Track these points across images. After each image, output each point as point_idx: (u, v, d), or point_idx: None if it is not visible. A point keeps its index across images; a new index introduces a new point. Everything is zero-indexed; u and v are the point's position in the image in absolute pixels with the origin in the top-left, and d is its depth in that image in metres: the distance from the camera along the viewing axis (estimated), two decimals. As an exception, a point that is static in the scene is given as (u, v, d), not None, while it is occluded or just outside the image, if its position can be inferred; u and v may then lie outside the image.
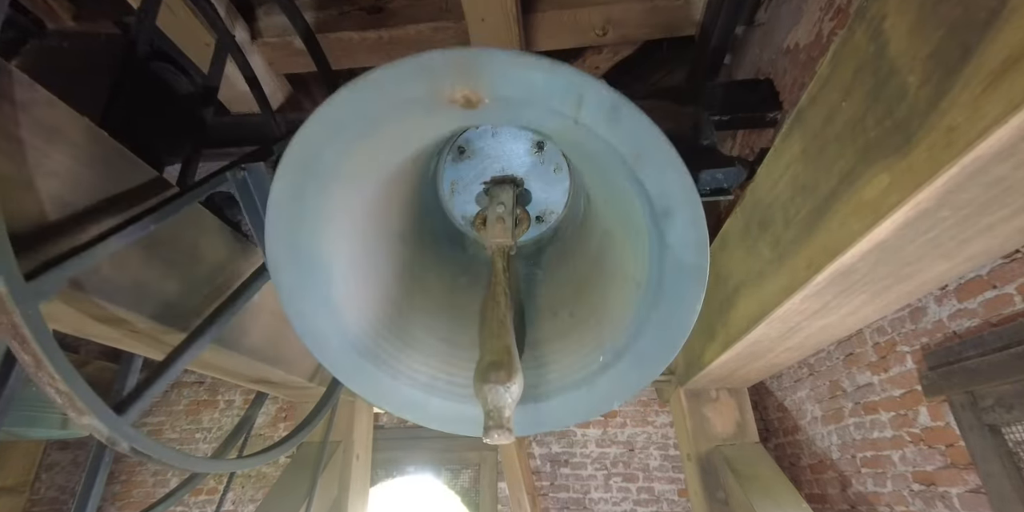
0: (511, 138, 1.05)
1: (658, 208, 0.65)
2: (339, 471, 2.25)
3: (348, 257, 0.78)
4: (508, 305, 0.79)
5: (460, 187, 1.10)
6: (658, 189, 0.64)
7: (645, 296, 0.75)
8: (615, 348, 0.82)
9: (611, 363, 0.82)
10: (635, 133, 0.60)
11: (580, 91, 0.58)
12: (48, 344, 0.67)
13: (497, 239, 0.91)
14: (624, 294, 0.81)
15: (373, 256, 0.87)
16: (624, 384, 0.82)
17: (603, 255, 0.93)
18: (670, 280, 0.71)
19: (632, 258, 0.78)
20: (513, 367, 0.64)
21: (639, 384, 0.82)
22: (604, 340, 0.84)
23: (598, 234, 0.96)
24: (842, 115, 0.90)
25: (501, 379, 0.61)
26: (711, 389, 2.26)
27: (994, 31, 0.58)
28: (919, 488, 2.53)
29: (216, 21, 1.54)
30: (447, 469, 4.72)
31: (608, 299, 0.88)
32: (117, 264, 0.97)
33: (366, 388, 0.87)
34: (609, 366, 0.82)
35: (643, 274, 0.75)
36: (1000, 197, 0.76)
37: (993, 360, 1.93)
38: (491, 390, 0.61)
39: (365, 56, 2.13)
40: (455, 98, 0.59)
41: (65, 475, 4.72)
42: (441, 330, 0.97)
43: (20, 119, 0.79)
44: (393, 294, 0.92)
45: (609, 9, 1.99)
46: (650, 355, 0.78)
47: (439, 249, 1.11)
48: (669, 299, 0.73)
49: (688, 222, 0.65)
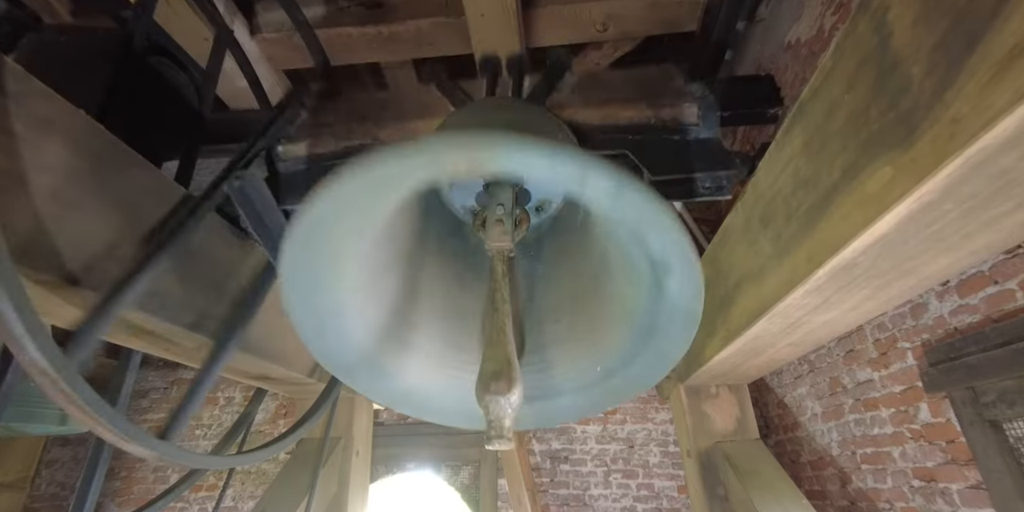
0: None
1: (657, 261, 0.68)
2: (339, 467, 2.25)
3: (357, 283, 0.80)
4: (508, 312, 0.80)
5: (459, 182, 1.09)
6: (658, 249, 0.67)
7: (638, 328, 0.80)
8: (609, 368, 0.87)
9: (605, 378, 0.87)
10: (638, 209, 0.62)
11: (583, 175, 0.59)
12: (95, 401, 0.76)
13: (497, 242, 0.91)
14: (619, 321, 0.86)
15: (381, 275, 0.89)
16: (618, 394, 0.88)
17: (601, 278, 0.95)
18: (664, 320, 0.75)
19: (629, 292, 0.82)
20: (513, 377, 0.66)
21: (633, 394, 0.89)
22: (599, 358, 0.89)
23: (597, 253, 0.97)
24: (845, 108, 0.90)
25: (501, 390, 0.63)
26: (711, 385, 2.25)
27: (1001, 20, 0.58)
28: (919, 484, 2.53)
29: (214, 16, 1.53)
30: (447, 465, 4.72)
31: (603, 321, 0.91)
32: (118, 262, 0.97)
33: (365, 385, 0.87)
34: (604, 380, 0.88)
35: (639, 309, 0.79)
36: (1005, 190, 0.75)
37: (994, 356, 1.93)
38: (492, 401, 0.63)
39: (364, 52, 2.12)
40: (458, 173, 0.62)
41: (65, 471, 4.73)
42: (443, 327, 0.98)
43: (14, 111, 0.79)
44: (397, 298, 0.93)
45: (609, 4, 1.97)
46: (641, 377, 0.85)
47: (441, 244, 1.10)
48: (660, 336, 0.78)
49: (685, 277, 0.68)
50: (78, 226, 0.89)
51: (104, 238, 0.94)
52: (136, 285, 0.92)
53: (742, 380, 2.22)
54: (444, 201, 1.12)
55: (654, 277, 0.71)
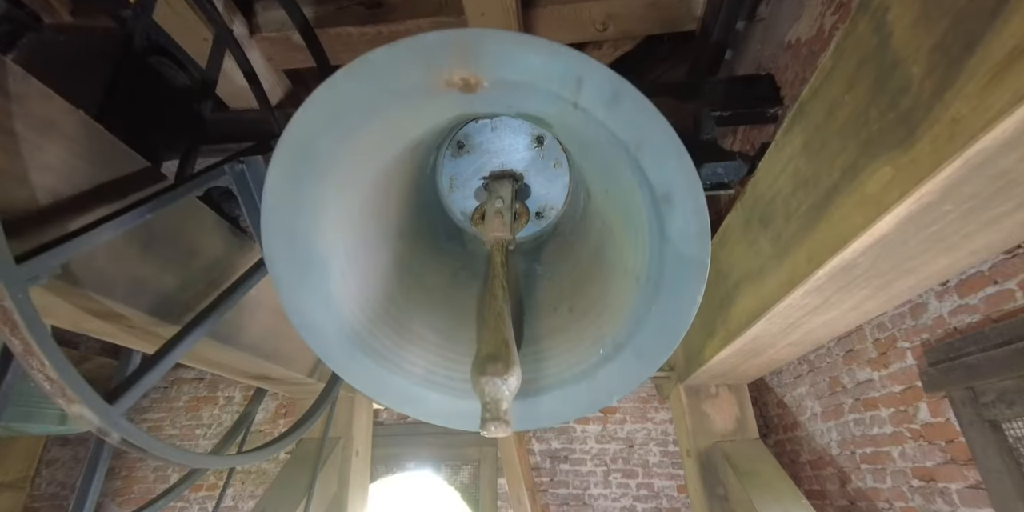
0: (510, 132, 1.04)
1: (659, 195, 0.64)
2: (339, 467, 2.25)
3: (346, 250, 0.77)
4: (506, 299, 0.78)
5: (459, 182, 1.09)
6: (659, 176, 0.62)
7: (645, 289, 0.75)
8: (615, 341, 0.81)
9: (611, 355, 0.81)
10: (636, 118, 0.59)
11: (579, 73, 0.57)
12: (38, 330, 0.66)
13: (495, 233, 0.90)
14: (624, 287, 0.81)
15: (371, 250, 0.87)
16: (624, 377, 0.81)
17: (603, 248, 0.92)
18: (670, 273, 0.70)
19: (632, 251, 0.77)
20: (511, 360, 0.63)
21: (639, 377, 0.81)
22: (604, 333, 0.83)
23: (597, 227, 0.95)
24: (845, 108, 0.90)
25: (499, 371, 0.61)
26: (711, 385, 2.25)
27: (1001, 21, 0.58)
28: (919, 484, 2.53)
29: (214, 15, 1.53)
30: (447, 465, 4.72)
31: (608, 292, 0.87)
32: (113, 258, 0.97)
33: (364, 382, 0.86)
34: (609, 358, 0.81)
35: (643, 267, 0.74)
36: (1005, 190, 0.75)
37: (994, 356, 1.93)
38: (488, 382, 0.60)
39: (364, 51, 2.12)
40: (453, 81, 0.58)
41: (65, 471, 4.73)
42: (439, 325, 0.97)
43: (14, 112, 0.79)
44: (391, 289, 0.92)
45: (610, 4, 1.98)
46: (650, 348, 0.77)
47: (437, 245, 1.10)
48: (669, 292, 0.72)
49: (689, 210, 0.64)
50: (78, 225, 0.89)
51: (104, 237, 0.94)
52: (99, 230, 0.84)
53: (742, 380, 2.22)
54: (444, 205, 1.12)
55: (657, 218, 0.66)
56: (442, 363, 0.90)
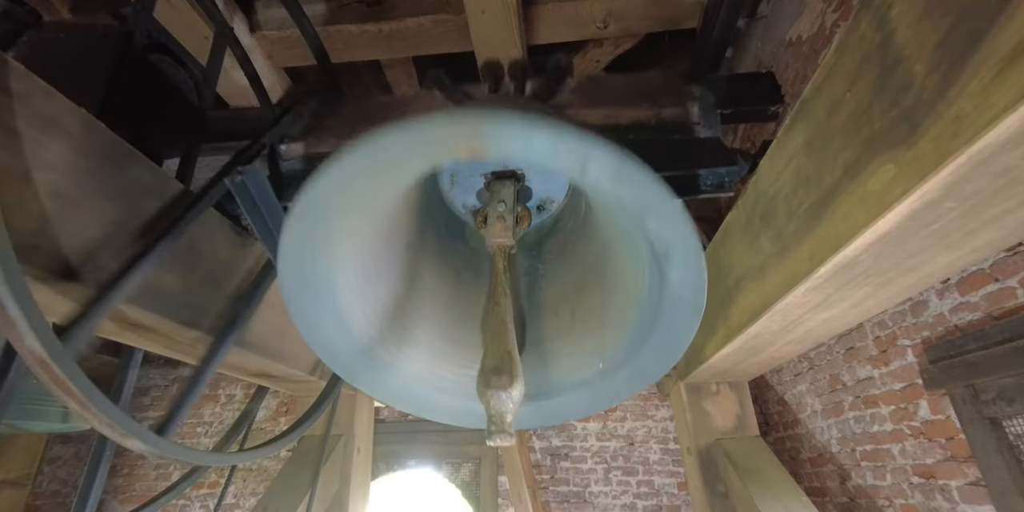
0: None
1: (659, 251, 0.67)
2: (340, 464, 2.25)
3: (357, 275, 0.80)
4: (508, 307, 0.79)
5: (460, 179, 1.09)
6: (660, 238, 0.65)
7: (643, 316, 0.78)
8: (614, 358, 0.85)
9: (610, 371, 0.85)
10: (639, 192, 0.61)
11: (584, 156, 0.58)
12: (89, 390, 0.75)
13: (497, 239, 0.91)
14: (623, 309, 0.84)
15: (382, 269, 0.89)
16: (622, 390, 0.86)
17: (603, 262, 0.94)
18: (667, 308, 0.74)
19: (632, 277, 0.80)
20: (514, 372, 0.65)
21: (637, 389, 0.86)
22: (604, 344, 0.87)
23: (599, 241, 0.96)
24: (847, 105, 0.89)
25: (503, 384, 0.63)
26: (711, 383, 2.25)
27: (1005, 17, 0.57)
28: (919, 481, 2.54)
29: (214, 13, 1.53)
30: (448, 463, 4.73)
31: (608, 308, 0.89)
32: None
33: (368, 383, 0.87)
34: (608, 374, 0.85)
35: (642, 295, 0.77)
36: (1007, 187, 0.75)
37: (995, 353, 1.93)
38: (493, 395, 0.62)
39: (365, 49, 2.12)
40: (460, 156, 0.61)
41: (67, 468, 4.75)
42: (446, 328, 0.98)
43: (16, 109, 0.79)
44: (400, 298, 0.93)
45: (610, 1, 1.97)
46: (646, 369, 0.82)
47: (441, 244, 1.10)
48: (664, 327, 0.76)
49: (689, 268, 0.67)
50: (79, 223, 0.89)
51: (105, 235, 0.94)
52: (131, 279, 0.91)
53: (742, 377, 2.22)
54: (445, 200, 1.12)
55: (657, 268, 0.70)
56: (449, 366, 0.91)
